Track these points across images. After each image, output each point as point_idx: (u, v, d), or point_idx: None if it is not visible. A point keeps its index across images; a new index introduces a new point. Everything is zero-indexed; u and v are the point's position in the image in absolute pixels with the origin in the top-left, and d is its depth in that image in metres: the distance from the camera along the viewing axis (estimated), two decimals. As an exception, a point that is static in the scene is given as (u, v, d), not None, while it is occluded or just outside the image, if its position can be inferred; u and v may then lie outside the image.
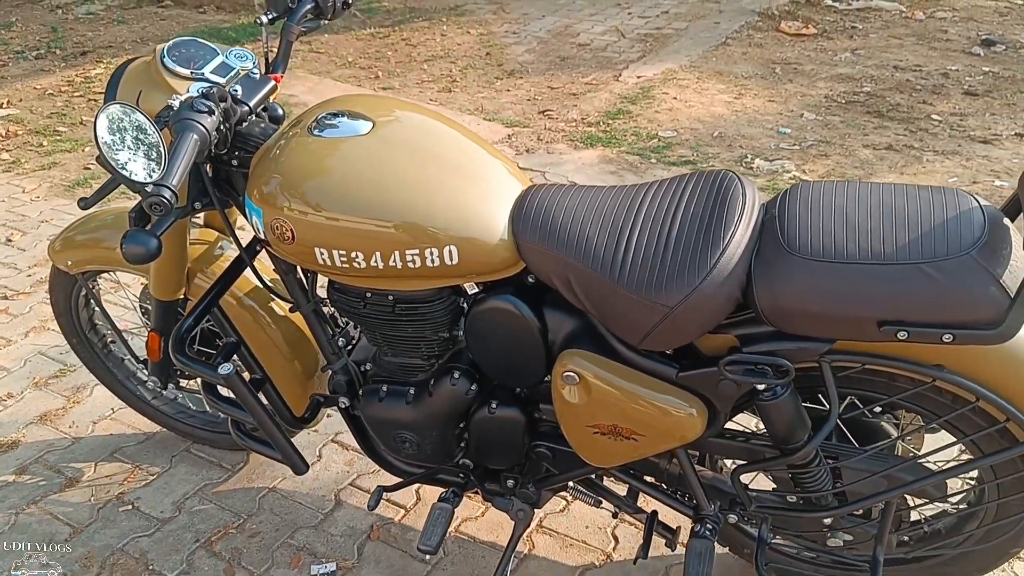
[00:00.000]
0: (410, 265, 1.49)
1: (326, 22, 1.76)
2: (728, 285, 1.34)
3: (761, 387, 1.41)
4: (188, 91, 1.53)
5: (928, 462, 1.58)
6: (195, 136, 1.35)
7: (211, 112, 1.40)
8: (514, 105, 4.90)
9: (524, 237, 1.48)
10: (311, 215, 1.48)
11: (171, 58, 1.61)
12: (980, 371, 1.36)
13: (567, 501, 2.15)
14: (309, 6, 1.70)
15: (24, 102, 5.18)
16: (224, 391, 1.77)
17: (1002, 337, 1.25)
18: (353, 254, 1.49)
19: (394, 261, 1.48)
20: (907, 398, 1.45)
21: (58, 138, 4.63)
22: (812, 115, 4.55)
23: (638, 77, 5.21)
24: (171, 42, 1.65)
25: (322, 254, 1.50)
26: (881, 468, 1.51)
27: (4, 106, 5.10)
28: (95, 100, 5.18)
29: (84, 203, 1.51)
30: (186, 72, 1.60)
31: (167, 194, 1.24)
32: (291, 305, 1.80)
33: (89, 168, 4.23)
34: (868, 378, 1.46)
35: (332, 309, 1.85)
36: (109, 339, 2.31)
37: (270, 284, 1.84)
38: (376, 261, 1.49)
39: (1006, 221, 1.30)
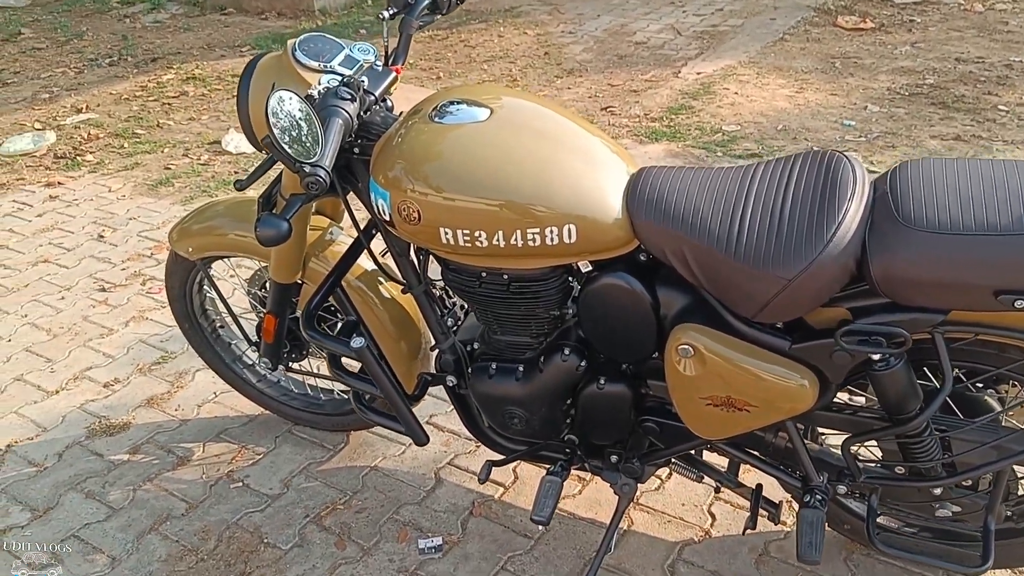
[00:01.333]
0: (530, 243, 1.56)
1: (441, 16, 1.85)
2: (844, 257, 1.40)
3: (876, 357, 1.46)
4: (320, 82, 1.62)
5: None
6: (340, 121, 1.44)
7: (353, 99, 1.50)
8: (576, 102, 4.97)
9: (639, 215, 1.55)
10: (437, 197, 1.57)
11: (302, 51, 1.72)
12: (1094, 341, 1.40)
13: (661, 480, 2.21)
14: (427, 2, 1.79)
15: (102, 107, 5.36)
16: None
17: (1119, 304, 1.29)
18: (476, 233, 1.57)
19: (515, 240, 1.56)
20: (1017, 369, 1.49)
21: (137, 140, 4.79)
22: (876, 107, 4.55)
23: (697, 73, 5.25)
24: (300, 37, 1.75)
25: (446, 234, 1.58)
26: (991, 438, 1.55)
27: (83, 111, 5.28)
28: (168, 104, 5.35)
29: (240, 184, 1.61)
30: (316, 65, 1.70)
31: (322, 173, 1.33)
32: (403, 287, 1.88)
33: (170, 168, 4.38)
34: (979, 350, 1.50)
35: (441, 291, 1.93)
36: (218, 324, 2.42)
37: (382, 266, 1.93)
38: (498, 240, 1.56)
39: None
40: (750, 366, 1.54)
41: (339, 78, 1.64)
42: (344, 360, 1.93)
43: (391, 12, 1.77)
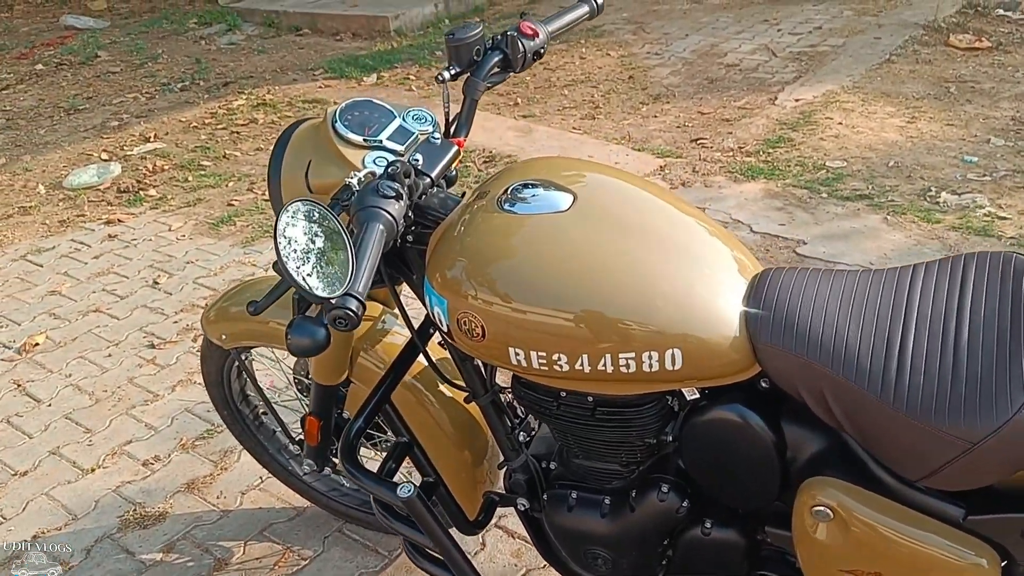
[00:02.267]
0: (623, 370, 1.24)
1: (514, 74, 1.53)
2: (1053, 415, 1.03)
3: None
4: (364, 162, 1.33)
5: None
6: (381, 227, 1.14)
7: (399, 196, 1.19)
8: (663, 133, 4.61)
9: (762, 336, 1.21)
10: (506, 309, 1.25)
11: (343, 122, 1.41)
12: None
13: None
14: (497, 58, 1.48)
15: (170, 135, 5.22)
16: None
17: None
18: (555, 356, 1.25)
19: (604, 365, 1.24)
20: None
21: (202, 173, 4.62)
22: (1000, 140, 4.08)
23: (796, 100, 4.83)
24: (343, 104, 1.45)
25: (517, 355, 1.27)
26: None
27: (152, 139, 5.15)
28: (237, 132, 5.18)
29: (254, 307, 1.32)
30: (360, 140, 1.40)
31: (354, 305, 1.03)
32: (467, 394, 1.58)
33: (232, 205, 4.18)
34: None
35: (510, 398, 1.62)
36: (261, 411, 2.15)
37: (443, 371, 1.62)
38: (582, 364, 1.24)
39: None
40: (909, 538, 1.19)
41: (387, 157, 1.34)
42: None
43: (452, 72, 1.46)
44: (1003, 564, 1.17)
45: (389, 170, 1.23)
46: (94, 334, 3.15)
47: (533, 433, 1.66)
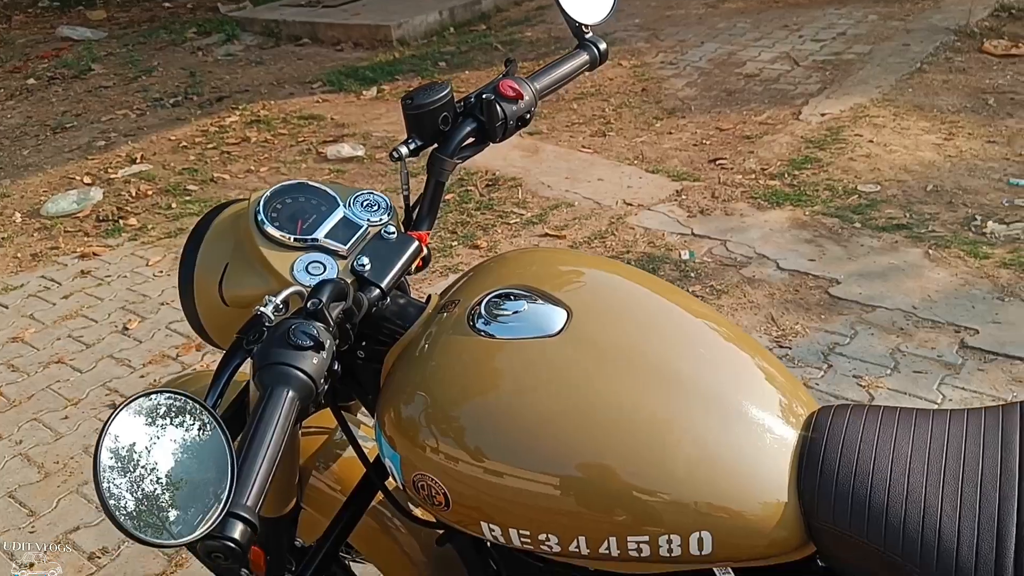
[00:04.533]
0: (632, 554, 0.92)
1: (493, 144, 1.22)
2: None
3: None
4: (293, 270, 1.02)
5: None
6: (291, 394, 0.83)
7: (319, 347, 0.87)
8: (679, 152, 4.28)
9: (818, 510, 0.90)
10: (476, 471, 0.94)
11: (269, 215, 1.09)
12: None
13: None
14: (470, 128, 1.16)
15: (157, 156, 4.94)
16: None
17: None
18: (542, 536, 0.94)
19: (607, 548, 0.93)
20: None
21: (187, 199, 4.33)
22: (1049, 160, 3.73)
23: (822, 115, 4.49)
24: (272, 189, 1.12)
25: (492, 531, 0.96)
26: None
27: (138, 160, 4.88)
28: (228, 152, 4.90)
29: None
30: (289, 239, 1.08)
31: (237, 532, 0.72)
32: (438, 536, 1.27)
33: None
34: None
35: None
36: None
37: (410, 507, 1.30)
38: (578, 547, 0.93)
39: None
40: None
41: (324, 263, 1.03)
42: None
43: (412, 146, 1.14)
44: None
45: (310, 304, 0.91)
46: (53, 390, 2.86)
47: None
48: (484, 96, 1.16)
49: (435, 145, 1.16)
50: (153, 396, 0.76)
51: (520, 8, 7.30)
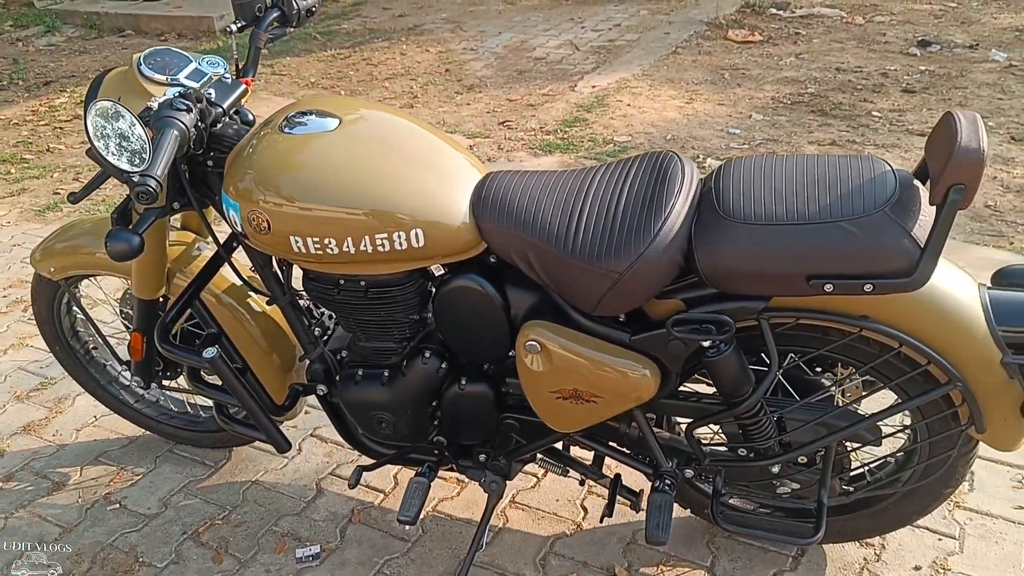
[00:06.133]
0: (380, 249, 1.60)
1: (291, 29, 1.88)
2: (671, 251, 1.47)
3: (707, 344, 1.54)
4: (165, 95, 1.65)
5: (862, 410, 1.72)
6: (175, 132, 1.46)
7: (189, 110, 1.52)
8: (474, 118, 5.04)
9: (485, 219, 1.61)
10: (285, 206, 1.60)
11: (147, 66, 1.73)
12: (902, 320, 1.50)
13: (537, 478, 2.27)
14: (275, 14, 1.83)
15: (-11, 133, 5.23)
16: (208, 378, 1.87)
17: (915, 284, 1.39)
18: (326, 240, 1.60)
19: (364, 246, 1.60)
20: (837, 349, 1.59)
21: (25, 165, 4.69)
22: (760, 116, 4.74)
23: (593, 87, 5.38)
24: (146, 51, 1.77)
25: (296, 242, 1.61)
26: (817, 416, 1.65)
27: (-31, 137, 5.15)
28: (61, 128, 5.25)
29: (73, 197, 1.61)
30: (162, 78, 1.71)
31: (152, 183, 1.35)
32: (268, 298, 1.90)
33: (59, 193, 4.30)
34: (803, 334, 1.59)
35: (308, 301, 1.96)
36: (91, 345, 2.39)
37: (247, 279, 1.94)
38: (348, 247, 1.60)
39: (916, 182, 1.45)
40: (593, 358, 1.61)
41: (183, 90, 1.66)
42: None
43: (239, 25, 1.81)
44: (660, 374, 1.62)
45: (179, 92, 1.56)
46: (-78, 314, 3.25)
47: (330, 332, 2.00)
48: None
49: (253, 26, 1.82)
50: (112, 104, 1.38)
51: (337, 4, 7.92)
